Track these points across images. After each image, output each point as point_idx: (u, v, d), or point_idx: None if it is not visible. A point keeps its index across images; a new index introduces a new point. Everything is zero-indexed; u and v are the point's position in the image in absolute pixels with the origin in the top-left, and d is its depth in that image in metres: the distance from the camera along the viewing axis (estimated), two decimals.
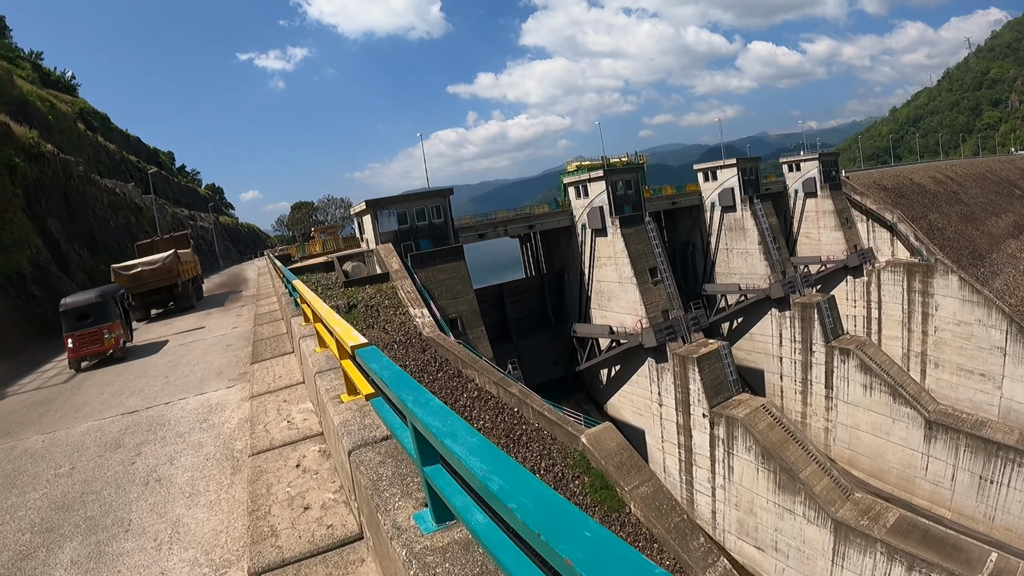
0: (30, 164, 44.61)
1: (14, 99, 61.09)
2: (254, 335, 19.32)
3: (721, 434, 53.81)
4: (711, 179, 75.46)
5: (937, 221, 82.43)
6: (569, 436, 37.89)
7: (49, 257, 39.49)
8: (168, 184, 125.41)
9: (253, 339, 18.66)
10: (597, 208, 62.22)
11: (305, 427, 9.74)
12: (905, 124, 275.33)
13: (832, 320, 67.13)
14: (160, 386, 16.58)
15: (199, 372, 17.30)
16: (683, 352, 56.04)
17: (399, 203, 54.08)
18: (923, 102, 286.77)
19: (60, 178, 50.00)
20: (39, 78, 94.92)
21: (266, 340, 17.55)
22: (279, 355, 15.19)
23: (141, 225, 72.09)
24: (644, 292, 59.02)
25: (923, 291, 72.56)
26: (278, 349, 16.00)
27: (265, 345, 16.85)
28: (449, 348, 43.20)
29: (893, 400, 61.24)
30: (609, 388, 65.54)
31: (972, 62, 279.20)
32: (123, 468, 10.53)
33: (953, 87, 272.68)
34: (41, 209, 43.44)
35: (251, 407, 11.51)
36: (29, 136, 47.83)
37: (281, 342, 16.90)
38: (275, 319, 21.26)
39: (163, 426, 12.59)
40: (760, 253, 70.71)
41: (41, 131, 59.50)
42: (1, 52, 78.96)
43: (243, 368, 16.40)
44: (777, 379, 71.10)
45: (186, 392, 15.16)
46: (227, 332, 23.82)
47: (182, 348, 22.14)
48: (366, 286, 48.41)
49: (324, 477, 7.71)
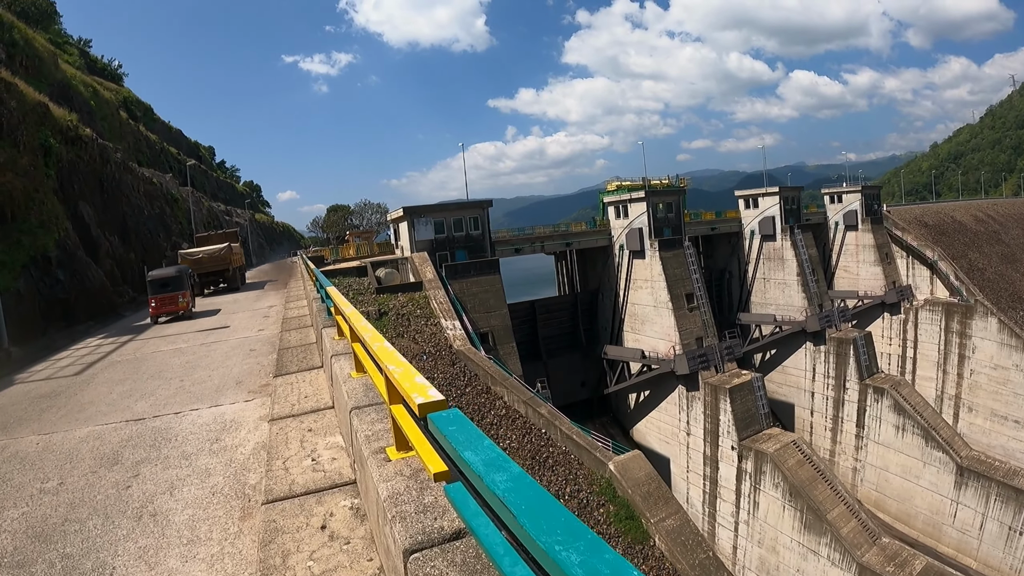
0: (66, 147, 43.25)
1: (57, 82, 60.27)
2: (280, 341, 17.53)
3: (749, 468, 51.82)
4: (752, 206, 73.38)
5: (977, 261, 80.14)
6: (597, 462, 36.21)
7: (77, 241, 37.99)
8: (206, 178, 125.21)
9: (279, 346, 16.90)
10: (636, 229, 60.42)
11: (334, 470, 7.85)
12: (946, 160, 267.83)
13: (868, 357, 64.72)
14: (173, 391, 14.80)
15: (216, 379, 15.49)
16: (715, 381, 54.15)
17: (437, 212, 52.56)
18: (965, 138, 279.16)
19: (96, 163, 48.67)
20: (86, 65, 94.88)
21: (292, 349, 15.74)
22: (306, 369, 13.35)
23: (176, 217, 71.01)
24: (679, 318, 57.11)
25: (961, 332, 70.43)
26: (305, 362, 14.17)
27: (291, 356, 15.04)
28: (479, 363, 41.54)
29: (925, 443, 59.01)
30: (636, 413, 63.40)
31: (1016, 100, 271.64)
32: (116, 492, 8.74)
33: (996, 124, 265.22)
34: (74, 192, 42.03)
35: (270, 432, 9.64)
36: (68, 119, 46.54)
37: (309, 353, 15.06)
38: (304, 325, 19.48)
39: (169, 442, 10.77)
40: (798, 285, 68.42)
41: (82, 116, 58.44)
42: (49, 37, 78.43)
43: (265, 379, 14.58)
44: (807, 414, 68.61)
45: (199, 402, 13.35)
46: (251, 335, 21.99)
47: (203, 348, 20.35)
48: (398, 294, 46.84)
49: (358, 551, 5.76)
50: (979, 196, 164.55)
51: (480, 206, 54.38)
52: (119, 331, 28.24)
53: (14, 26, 56.18)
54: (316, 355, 14.67)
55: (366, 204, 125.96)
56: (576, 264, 72.32)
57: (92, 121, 64.02)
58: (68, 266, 34.15)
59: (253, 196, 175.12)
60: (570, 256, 72.26)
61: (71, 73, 69.52)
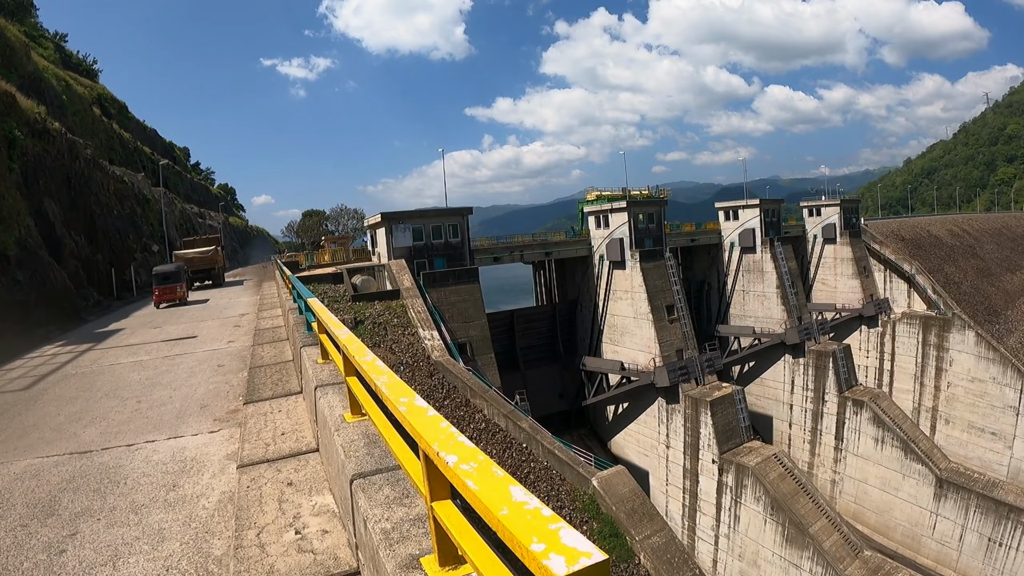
0: (33, 140, 40.75)
1: (28, 74, 57.32)
2: (251, 357, 15.51)
3: (730, 482, 51.03)
4: (732, 218, 72.39)
5: (953, 275, 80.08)
6: (579, 478, 34.72)
7: (40, 240, 35.34)
8: (180, 179, 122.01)
9: (250, 363, 14.88)
10: (617, 240, 59.18)
11: (326, 552, 5.70)
12: (919, 175, 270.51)
13: (847, 370, 64.48)
14: (128, 414, 12.80)
15: (178, 400, 13.48)
16: (696, 394, 53.31)
17: (416, 218, 50.72)
18: (938, 154, 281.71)
19: (64, 159, 46.06)
20: (60, 59, 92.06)
21: (266, 368, 13.72)
22: (282, 395, 11.40)
23: (147, 218, 68.23)
24: (660, 329, 55.96)
25: (938, 345, 70.24)
26: (281, 385, 12.23)
27: (264, 376, 13.05)
28: (458, 375, 39.96)
29: (904, 456, 58.78)
30: (615, 425, 62.10)
31: (989, 117, 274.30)
32: (47, 560, 6.75)
33: (969, 141, 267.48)
34: (39, 188, 39.47)
35: (239, 483, 7.64)
36: (36, 111, 43.93)
37: (285, 374, 13.07)
38: (278, 338, 17.44)
39: (117, 486, 8.78)
40: (777, 297, 67.46)
41: (53, 110, 56.24)
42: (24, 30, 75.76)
43: (233, 403, 12.65)
44: (786, 427, 67.91)
45: (157, 431, 11.36)
46: (220, 347, 19.86)
47: (166, 362, 18.24)
48: (375, 302, 45.04)
49: None
50: (953, 211, 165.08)
51: (460, 213, 52.70)
52: (79, 338, 25.93)
53: None
54: (293, 377, 12.78)
55: (342, 209, 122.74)
56: (555, 274, 70.85)
57: (63, 116, 61.62)
58: (28, 266, 31.55)
59: (228, 199, 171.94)
60: (549, 266, 70.94)
61: (43, 66, 66.72)
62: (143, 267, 58.35)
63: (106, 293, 45.06)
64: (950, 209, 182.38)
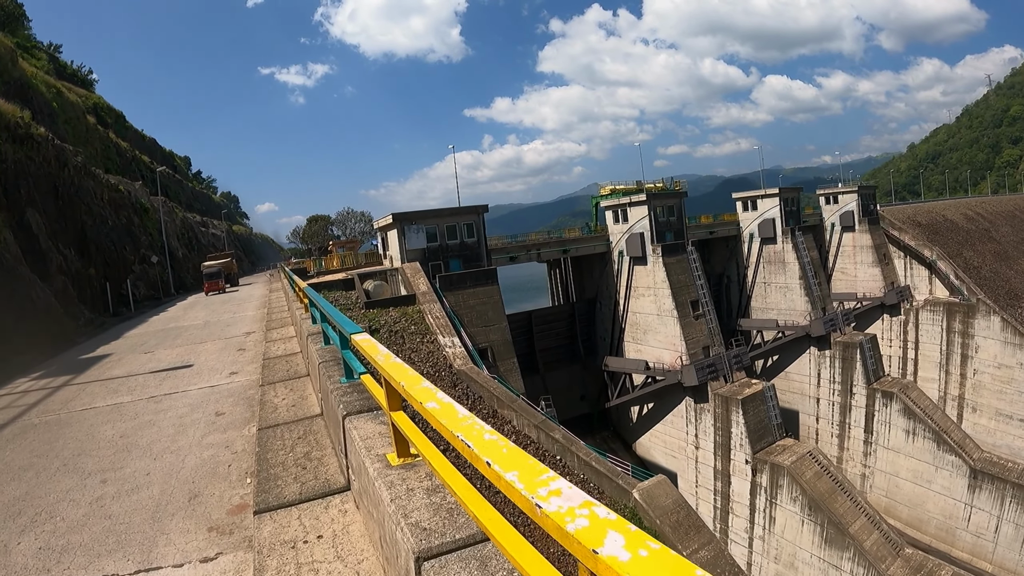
0: (13, 145, 36.05)
1: (14, 80, 53.15)
2: (261, 406, 10.86)
3: (764, 482, 48.33)
4: (751, 209, 68.45)
5: (972, 259, 76.49)
6: (619, 490, 31.27)
7: (19, 254, 30.45)
8: (181, 188, 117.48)
9: (259, 416, 10.23)
10: (637, 234, 55.49)
11: None
12: (924, 160, 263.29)
13: (874, 361, 60.97)
14: (85, 510, 8.24)
15: (158, 481, 8.88)
16: (726, 392, 50.20)
17: (429, 219, 46.63)
18: (942, 138, 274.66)
19: (52, 166, 41.34)
20: (54, 70, 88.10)
21: (283, 431, 8.99)
22: (317, 495, 6.43)
23: (145, 227, 63.84)
24: (685, 326, 52.42)
25: (963, 332, 67.21)
26: (311, 471, 7.30)
27: (283, 446, 8.37)
28: (484, 384, 36.14)
29: (937, 447, 55.93)
30: (639, 427, 58.32)
31: (992, 99, 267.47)
32: None
33: (973, 124, 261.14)
34: (20, 197, 34.64)
35: None
36: (18, 115, 39.32)
37: (315, 444, 8.29)
38: (294, 374, 12.79)
39: None
40: (800, 288, 63.60)
41: (42, 118, 52.25)
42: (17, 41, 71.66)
43: (237, 492, 8.01)
44: (812, 421, 64.25)
45: (121, 550, 6.86)
46: (221, 382, 15.14)
47: (151, 406, 13.62)
48: (389, 308, 40.90)
49: None
50: (961, 194, 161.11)
51: (475, 211, 48.57)
52: (59, 368, 21.37)
53: None
54: (329, 455, 8.00)
55: (348, 213, 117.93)
56: (571, 272, 66.88)
57: (54, 124, 57.28)
58: (4, 284, 26.81)
59: (230, 207, 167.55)
60: (564, 264, 67.08)
61: (31, 72, 62.31)
62: (141, 280, 54.12)
63: (100, 310, 40.40)
64: (957, 193, 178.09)
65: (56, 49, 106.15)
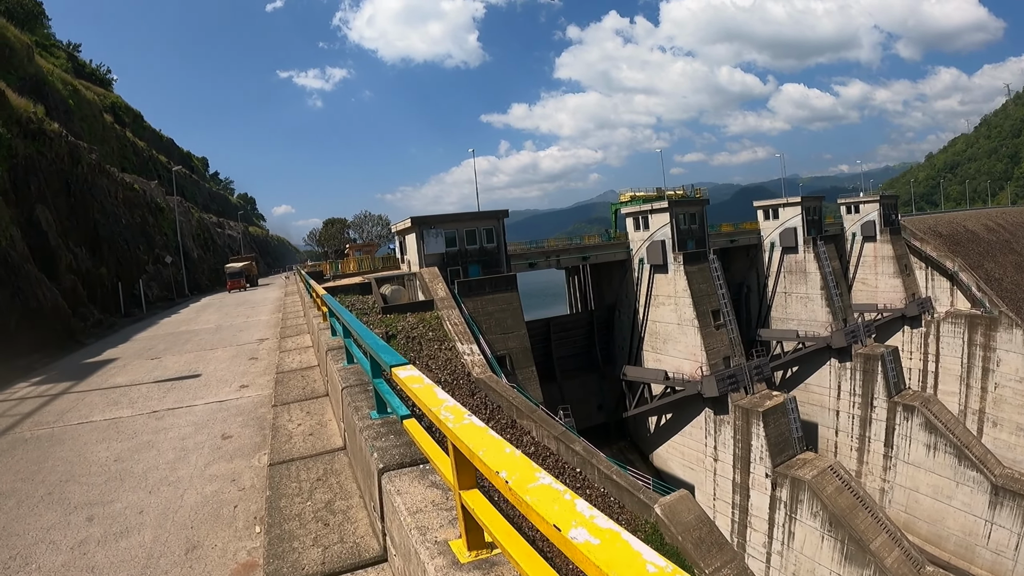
0: (24, 140, 34.66)
1: (30, 76, 51.92)
2: (273, 430, 9.33)
3: (784, 496, 46.61)
4: (772, 217, 66.67)
5: (993, 271, 74.75)
6: (640, 504, 29.92)
7: (26, 252, 28.91)
8: (198, 188, 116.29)
9: (270, 446, 8.71)
10: (659, 242, 53.99)
11: None
12: (942, 170, 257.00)
13: (896, 374, 58.85)
14: (65, 557, 6.40)
15: (151, 524, 7.22)
16: (746, 404, 48.50)
17: (448, 223, 45.21)
18: (960, 148, 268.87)
19: (64, 163, 39.92)
20: (73, 68, 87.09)
21: (297, 468, 7.41)
22: (339, 561, 5.13)
23: (160, 227, 62.69)
24: (706, 336, 50.88)
25: (985, 345, 65.46)
26: (331, 515, 5.96)
27: (297, 481, 6.76)
28: (503, 393, 34.71)
29: (958, 462, 53.87)
30: (657, 437, 56.64)
31: (1011, 108, 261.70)
32: None
33: (992, 133, 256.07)
34: (30, 193, 33.22)
35: None
36: (31, 110, 37.83)
37: (331, 475, 6.71)
38: (312, 392, 11.14)
39: None
40: (822, 299, 61.80)
41: (57, 114, 50.95)
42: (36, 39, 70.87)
43: (245, 547, 6.63)
44: (832, 434, 62.17)
45: None
46: (229, 397, 13.64)
47: (151, 423, 12.15)
48: (407, 314, 39.50)
49: None
50: (981, 205, 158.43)
51: (495, 216, 47.07)
52: (62, 373, 20.00)
53: None
54: (354, 498, 6.44)
55: (366, 216, 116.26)
56: (590, 279, 65.36)
57: (69, 121, 56.01)
58: (9, 283, 25.35)
59: (247, 209, 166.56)
60: (583, 271, 65.67)
61: (48, 68, 61.25)
62: (155, 280, 52.74)
63: (112, 310, 39.01)
64: (976, 203, 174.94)
65: (75, 48, 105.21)
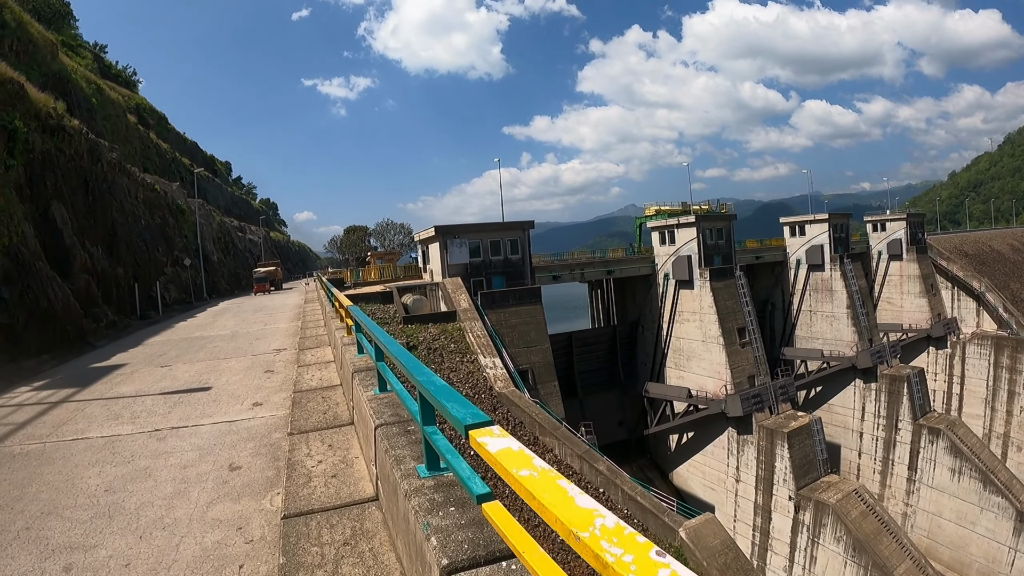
0: (42, 135, 33.23)
1: (53, 73, 50.79)
2: (289, 466, 7.67)
3: (807, 520, 44.94)
4: (798, 234, 64.99)
5: (1020, 291, 73.11)
6: (664, 528, 28.47)
7: (38, 250, 27.38)
8: (220, 191, 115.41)
9: (285, 488, 7.08)
10: (685, 257, 52.52)
11: None
12: (965, 189, 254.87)
13: (921, 396, 57.09)
14: None
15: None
16: (771, 425, 46.83)
17: (472, 232, 43.88)
18: (984, 167, 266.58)
19: (83, 160, 38.38)
20: (99, 69, 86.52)
21: (318, 524, 5.67)
22: None
23: (180, 229, 61.35)
24: (731, 354, 49.27)
25: (1011, 367, 63.61)
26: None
27: (318, 543, 5.07)
28: (525, 409, 33.20)
29: (983, 488, 52.33)
30: (678, 456, 54.83)
31: None
32: None
33: (1016, 152, 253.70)
34: (46, 190, 31.83)
35: None
36: (51, 106, 36.33)
37: (361, 538, 5.00)
38: (335, 420, 9.45)
39: None
40: (848, 318, 60.05)
41: (80, 113, 49.92)
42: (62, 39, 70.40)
43: None
44: (855, 456, 60.28)
45: None
46: (240, 418, 11.87)
47: (151, 444, 10.53)
48: (428, 324, 38.06)
49: None
50: (1003, 224, 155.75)
51: (520, 227, 45.58)
52: (67, 377, 18.48)
53: (4, 5, 46.82)
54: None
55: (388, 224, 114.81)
56: (613, 293, 63.82)
57: (92, 120, 54.88)
58: (19, 281, 23.85)
59: (269, 214, 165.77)
60: (606, 285, 64.19)
61: (71, 66, 60.40)
62: (173, 283, 51.39)
63: (127, 312, 37.62)
64: (999, 223, 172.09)
65: (102, 49, 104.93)
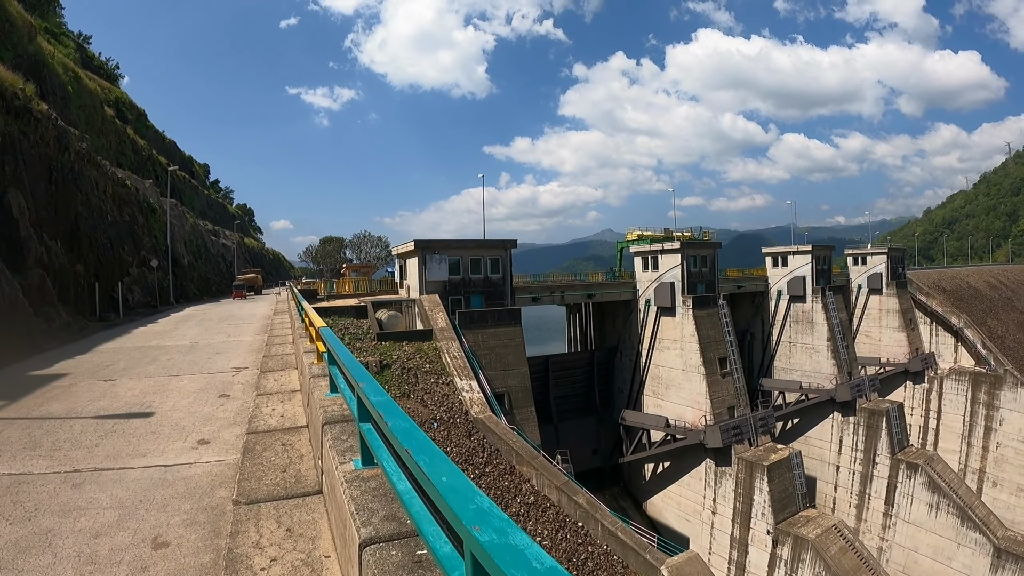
0: (6, 117, 30.76)
1: (29, 56, 48.56)
2: (228, 559, 5.57)
3: (785, 555, 43.44)
4: (780, 265, 64.06)
5: (996, 328, 72.77)
6: (646, 565, 26.80)
7: None
8: (196, 193, 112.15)
9: None
10: (667, 284, 50.92)
11: None
12: (940, 225, 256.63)
13: (900, 430, 56.28)
14: None
15: None
16: (750, 457, 45.42)
17: (453, 249, 41.85)
18: (959, 204, 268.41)
19: (50, 147, 35.64)
20: (81, 59, 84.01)
21: None
22: None
23: (151, 228, 58.19)
24: (711, 384, 47.72)
25: (988, 403, 63.38)
26: None
27: None
28: (502, 436, 31.30)
29: (961, 523, 51.62)
30: (653, 485, 52.89)
31: (1011, 167, 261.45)
32: None
33: (991, 191, 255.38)
34: (4, 175, 29.17)
35: None
36: (18, 86, 33.89)
37: None
38: (299, 486, 7.16)
39: None
40: (828, 350, 59.12)
41: (54, 100, 48.09)
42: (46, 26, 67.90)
43: None
44: (831, 489, 58.82)
45: None
46: (180, 462, 9.53)
47: (64, 493, 8.00)
48: (403, 342, 35.96)
49: None
50: (977, 261, 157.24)
51: (503, 246, 43.71)
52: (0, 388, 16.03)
53: None
54: None
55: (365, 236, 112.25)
56: (592, 318, 62.07)
57: (66, 107, 52.76)
58: None
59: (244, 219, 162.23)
60: (584, 309, 62.45)
61: (49, 51, 58.02)
62: (138, 284, 48.55)
63: (85, 313, 34.87)
64: (974, 260, 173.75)
65: (86, 40, 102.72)
